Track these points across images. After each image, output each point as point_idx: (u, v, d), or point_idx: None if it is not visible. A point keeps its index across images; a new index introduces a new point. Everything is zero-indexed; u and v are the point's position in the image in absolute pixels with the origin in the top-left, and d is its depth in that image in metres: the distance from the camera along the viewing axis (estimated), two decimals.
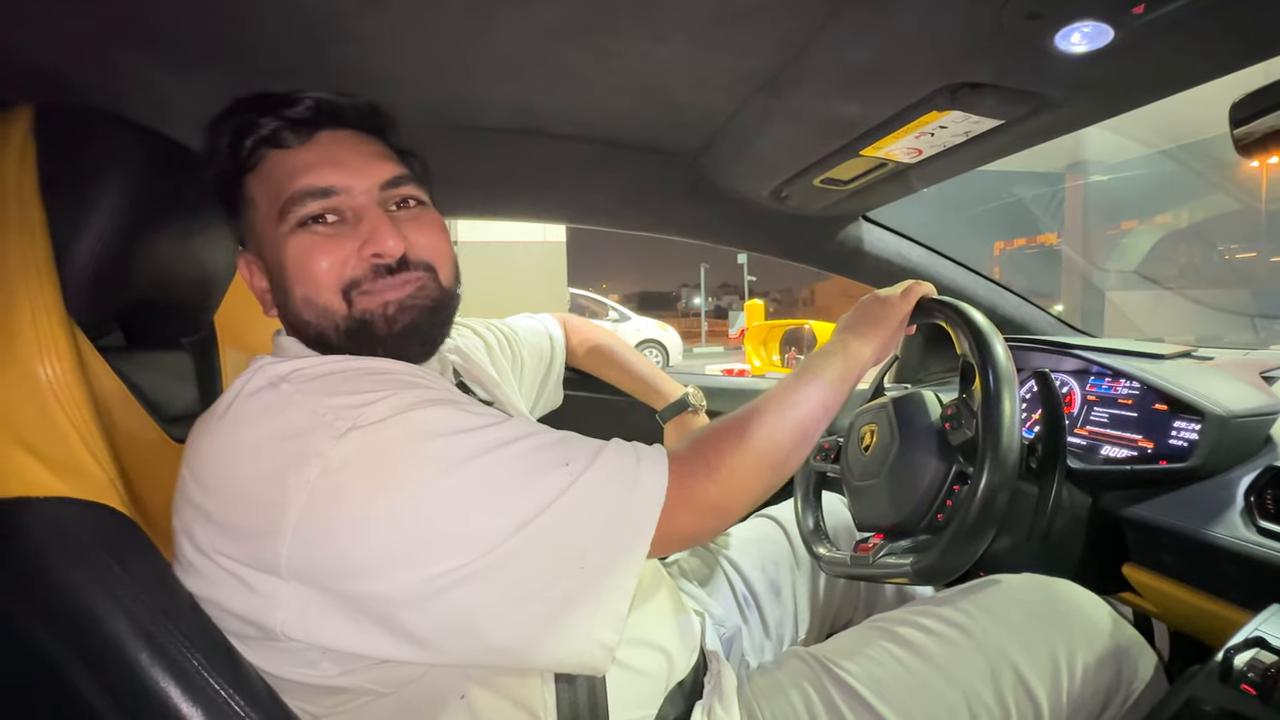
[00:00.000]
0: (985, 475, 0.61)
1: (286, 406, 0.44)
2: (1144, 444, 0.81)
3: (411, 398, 0.45)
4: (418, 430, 0.43)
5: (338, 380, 0.46)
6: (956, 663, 0.59)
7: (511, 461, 0.44)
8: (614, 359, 0.97)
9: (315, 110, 0.54)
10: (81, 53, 0.59)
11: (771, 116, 0.79)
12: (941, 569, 0.64)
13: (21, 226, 0.46)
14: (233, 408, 0.45)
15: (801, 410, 0.55)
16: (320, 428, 0.42)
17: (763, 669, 0.66)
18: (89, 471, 0.45)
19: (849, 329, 0.67)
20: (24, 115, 0.50)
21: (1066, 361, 0.99)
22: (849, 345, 0.64)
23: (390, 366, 0.50)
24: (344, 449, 0.41)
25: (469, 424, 0.45)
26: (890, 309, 0.69)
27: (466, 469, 0.43)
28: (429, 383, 0.49)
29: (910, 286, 0.72)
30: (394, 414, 0.43)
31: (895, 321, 0.69)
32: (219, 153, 0.54)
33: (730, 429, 0.52)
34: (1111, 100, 0.69)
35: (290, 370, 0.47)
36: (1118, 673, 0.60)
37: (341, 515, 0.41)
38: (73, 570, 0.42)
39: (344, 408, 0.43)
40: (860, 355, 0.64)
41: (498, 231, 6.21)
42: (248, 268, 0.57)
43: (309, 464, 0.41)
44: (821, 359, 0.62)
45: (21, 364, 0.43)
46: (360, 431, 0.42)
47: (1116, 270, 6.13)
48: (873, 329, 0.67)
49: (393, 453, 0.42)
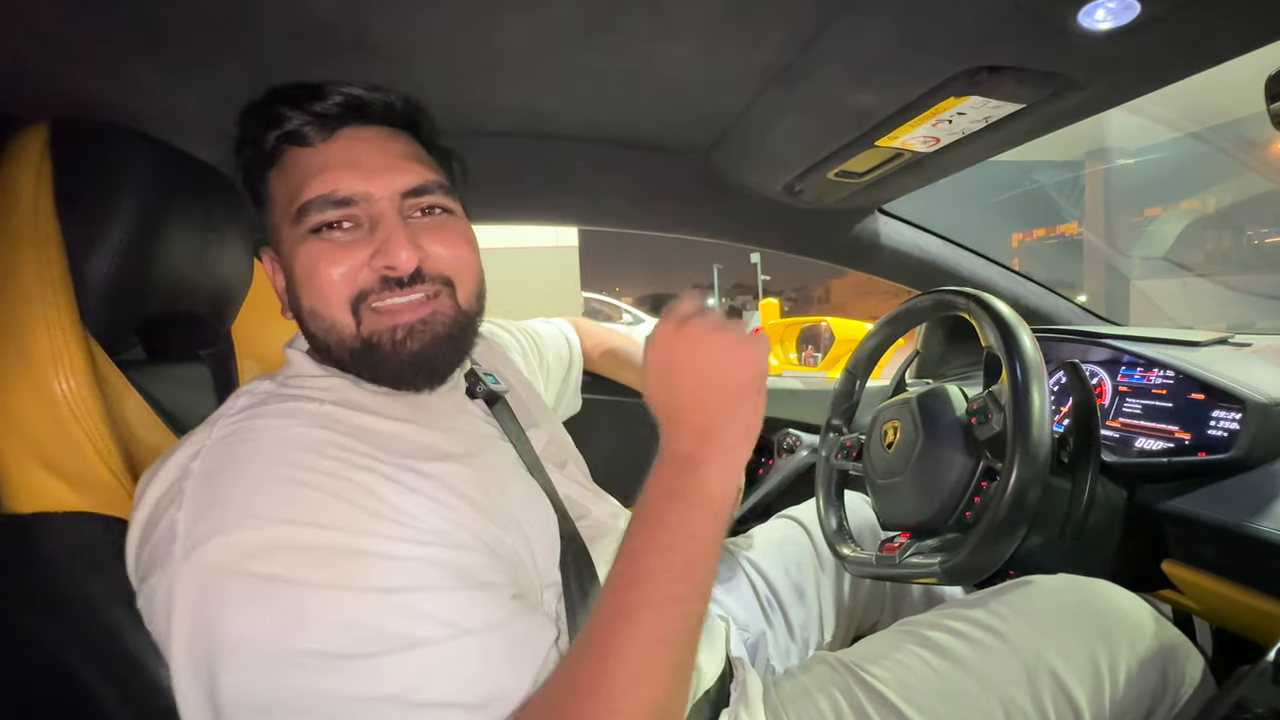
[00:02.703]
0: (1015, 470, 0.59)
1: (183, 481, 0.41)
2: (1181, 435, 0.78)
3: (287, 538, 0.38)
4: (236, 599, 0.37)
5: (261, 465, 0.41)
6: (990, 667, 0.57)
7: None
8: (629, 360, 0.96)
9: (341, 106, 0.51)
10: (97, 69, 0.60)
11: (783, 110, 0.77)
12: (971, 568, 0.62)
13: (37, 242, 0.46)
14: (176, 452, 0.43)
15: (663, 642, 0.38)
16: (171, 539, 0.39)
17: (789, 674, 0.65)
18: (106, 485, 0.45)
19: (690, 446, 0.44)
20: (40, 131, 0.50)
21: (1095, 352, 0.96)
22: (703, 486, 0.42)
23: (367, 432, 0.46)
24: (179, 569, 0.38)
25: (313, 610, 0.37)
26: (745, 364, 0.45)
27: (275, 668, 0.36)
28: (361, 499, 0.41)
29: (736, 323, 0.47)
30: (233, 559, 0.37)
31: (759, 384, 0.45)
32: (245, 144, 0.53)
33: (574, 700, 0.37)
34: (1138, 79, 0.67)
35: (224, 433, 0.43)
36: (1163, 676, 0.57)
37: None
38: (92, 584, 0.42)
39: (198, 520, 0.39)
40: (724, 495, 0.43)
41: (510, 237, 6.24)
42: (270, 265, 0.55)
43: (159, 569, 0.39)
44: (666, 532, 0.41)
45: (38, 379, 0.43)
46: (189, 562, 0.38)
47: (1142, 258, 5.98)
48: (732, 420, 0.44)
49: (203, 607, 0.37)
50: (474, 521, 0.45)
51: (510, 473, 0.55)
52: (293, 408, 0.46)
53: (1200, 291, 5.15)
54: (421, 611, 0.39)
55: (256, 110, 0.52)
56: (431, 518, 0.43)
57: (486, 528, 0.46)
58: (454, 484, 0.46)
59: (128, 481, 0.46)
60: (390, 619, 0.38)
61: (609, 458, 0.85)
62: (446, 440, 0.51)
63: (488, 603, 0.41)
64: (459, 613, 0.39)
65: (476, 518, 0.46)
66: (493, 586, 0.43)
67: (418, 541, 0.41)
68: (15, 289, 0.45)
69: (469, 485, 0.47)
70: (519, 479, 0.55)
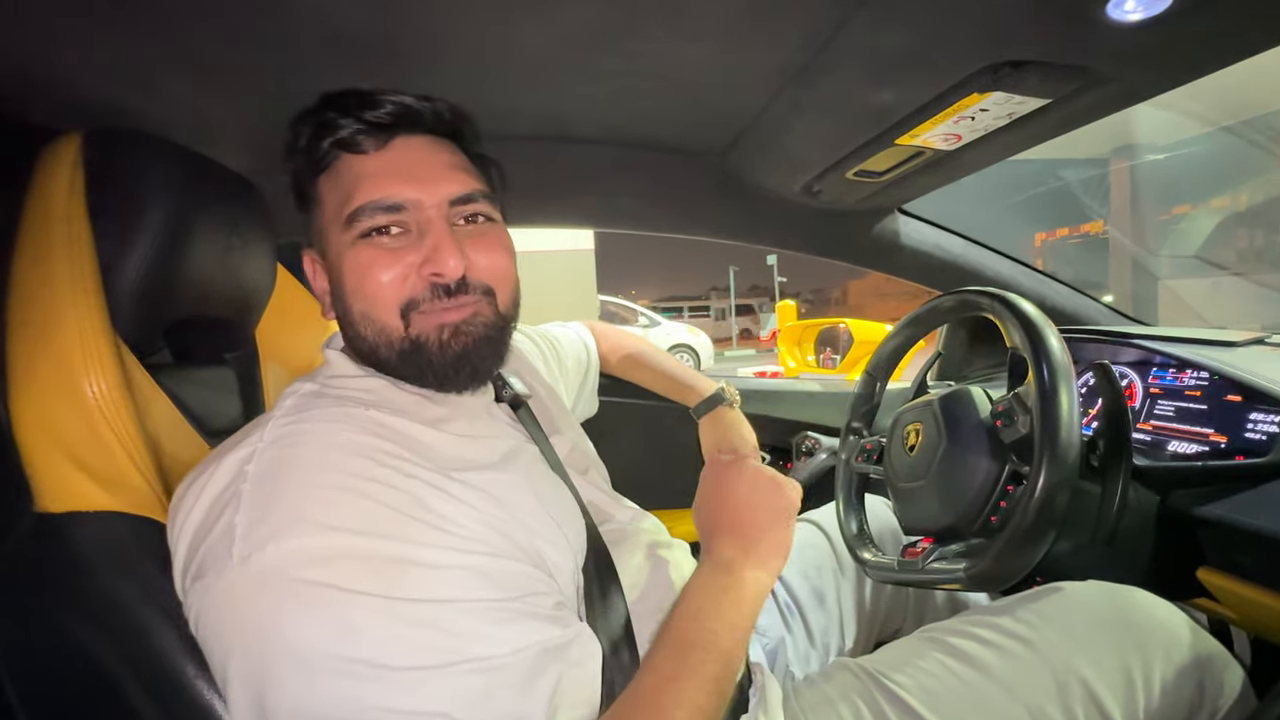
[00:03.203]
0: (1043, 474, 0.57)
1: (239, 487, 0.41)
2: (1216, 438, 0.76)
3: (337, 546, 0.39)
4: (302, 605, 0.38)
5: (315, 471, 0.42)
6: (1018, 676, 0.56)
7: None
8: (646, 362, 0.96)
9: (394, 115, 0.52)
10: (128, 80, 0.61)
11: (802, 109, 0.77)
12: (997, 574, 0.61)
13: (70, 249, 0.47)
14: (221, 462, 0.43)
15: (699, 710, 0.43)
16: (229, 541, 0.39)
17: (810, 681, 0.64)
18: (135, 486, 0.46)
19: (734, 552, 0.52)
20: (73, 141, 0.52)
21: (1124, 352, 0.93)
22: (742, 585, 0.50)
23: (412, 439, 0.47)
24: (236, 574, 0.38)
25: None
26: (782, 494, 0.56)
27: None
28: (408, 507, 0.42)
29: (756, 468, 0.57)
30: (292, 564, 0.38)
31: (791, 513, 0.55)
32: (297, 149, 0.54)
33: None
34: (1169, 72, 0.65)
35: (276, 436, 0.44)
36: (1200, 687, 0.55)
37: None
38: (122, 583, 0.43)
39: (255, 525, 0.39)
40: (762, 587, 0.51)
41: (528, 240, 6.29)
42: (311, 266, 0.56)
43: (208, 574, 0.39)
44: (712, 620, 0.47)
45: (70, 382, 0.45)
46: (246, 567, 0.38)
47: (1171, 256, 5.82)
48: (768, 535, 0.54)
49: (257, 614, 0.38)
50: (516, 528, 0.46)
51: (541, 475, 0.56)
52: (341, 412, 0.47)
53: (1233, 290, 5.01)
54: (468, 625, 0.39)
55: (309, 116, 0.53)
56: (476, 525, 0.44)
57: (525, 534, 0.47)
58: (494, 491, 0.47)
59: (155, 482, 0.47)
60: (438, 633, 0.38)
61: (626, 459, 0.85)
62: (482, 445, 0.52)
63: (531, 614, 0.42)
64: (503, 628, 0.40)
65: (517, 524, 0.47)
66: (536, 597, 0.44)
67: (464, 550, 0.42)
68: (49, 293, 0.46)
69: (508, 490, 0.48)
70: (549, 481, 0.56)
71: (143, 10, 0.52)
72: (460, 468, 0.48)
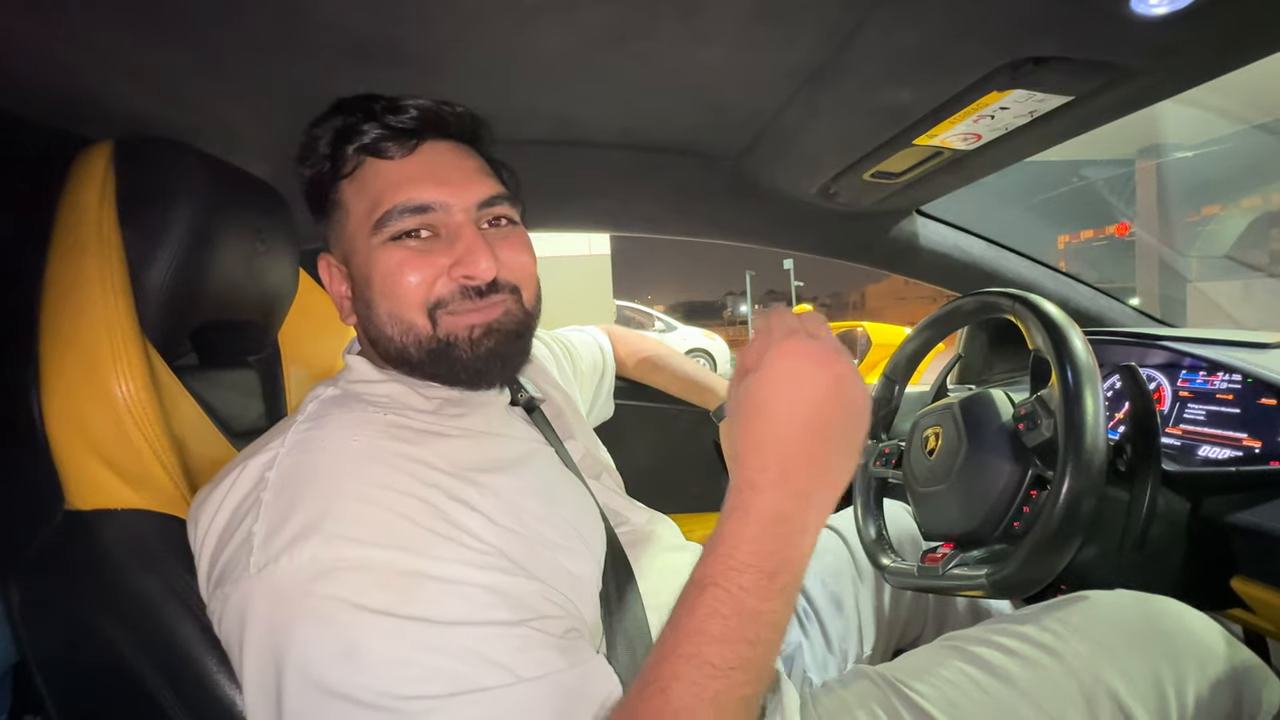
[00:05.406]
0: (1068, 479, 0.56)
1: (260, 493, 0.42)
2: (1250, 443, 0.73)
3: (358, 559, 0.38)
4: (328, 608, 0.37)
5: (331, 480, 0.42)
6: (1044, 688, 0.54)
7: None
8: (663, 366, 0.96)
9: (419, 120, 0.53)
10: (158, 90, 0.63)
11: (818, 110, 0.76)
12: (1020, 581, 0.59)
13: (101, 253, 0.49)
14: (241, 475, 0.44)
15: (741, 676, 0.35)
16: (247, 550, 0.39)
17: (828, 688, 0.63)
18: (161, 484, 0.47)
19: (792, 505, 0.37)
20: (104, 149, 0.53)
21: (1151, 355, 0.91)
22: (789, 518, 0.37)
23: (430, 443, 0.47)
24: (253, 585, 0.38)
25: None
26: (853, 410, 0.39)
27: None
28: (425, 518, 0.42)
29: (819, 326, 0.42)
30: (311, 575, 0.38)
31: (865, 406, 0.40)
32: (316, 154, 0.54)
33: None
34: (1197, 67, 0.63)
35: (295, 442, 0.44)
36: (1236, 702, 0.53)
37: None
38: (148, 579, 0.44)
39: (272, 535, 0.39)
40: (813, 525, 0.38)
41: (544, 246, 6.33)
42: (328, 271, 0.57)
43: (227, 582, 0.40)
44: (750, 573, 0.35)
45: (99, 382, 0.46)
46: (262, 579, 0.38)
47: (1200, 257, 5.67)
48: (833, 485, 0.38)
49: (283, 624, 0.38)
50: (534, 539, 0.45)
51: (558, 477, 0.56)
52: (361, 417, 0.47)
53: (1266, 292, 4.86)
54: (478, 652, 0.37)
55: (329, 122, 0.54)
56: (493, 537, 0.43)
57: (544, 546, 0.46)
58: (512, 496, 0.47)
59: (180, 480, 0.48)
60: (447, 659, 0.37)
61: (642, 463, 0.85)
62: (502, 444, 0.53)
63: (543, 643, 0.40)
64: (515, 656, 0.38)
65: (535, 535, 0.46)
66: (547, 619, 0.41)
67: (478, 565, 0.41)
68: (80, 297, 0.48)
69: (526, 495, 0.48)
70: (566, 482, 0.56)
71: (173, 23, 0.54)
72: (480, 469, 0.47)
